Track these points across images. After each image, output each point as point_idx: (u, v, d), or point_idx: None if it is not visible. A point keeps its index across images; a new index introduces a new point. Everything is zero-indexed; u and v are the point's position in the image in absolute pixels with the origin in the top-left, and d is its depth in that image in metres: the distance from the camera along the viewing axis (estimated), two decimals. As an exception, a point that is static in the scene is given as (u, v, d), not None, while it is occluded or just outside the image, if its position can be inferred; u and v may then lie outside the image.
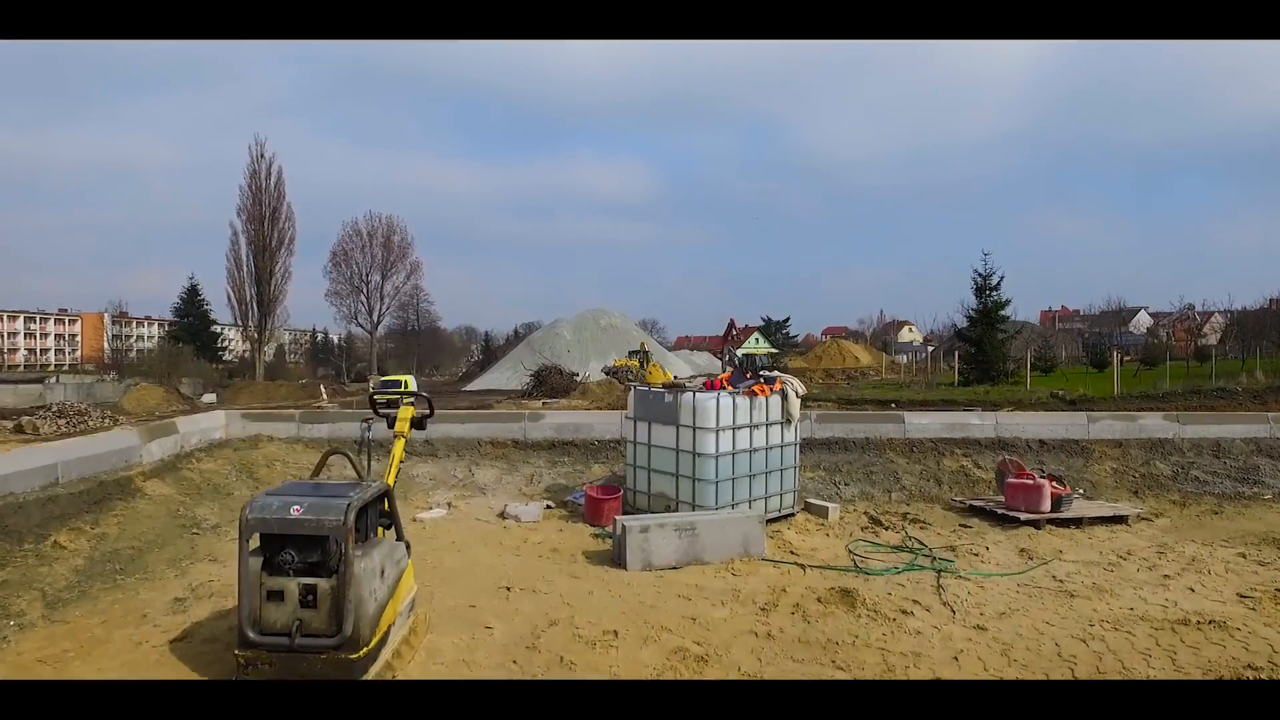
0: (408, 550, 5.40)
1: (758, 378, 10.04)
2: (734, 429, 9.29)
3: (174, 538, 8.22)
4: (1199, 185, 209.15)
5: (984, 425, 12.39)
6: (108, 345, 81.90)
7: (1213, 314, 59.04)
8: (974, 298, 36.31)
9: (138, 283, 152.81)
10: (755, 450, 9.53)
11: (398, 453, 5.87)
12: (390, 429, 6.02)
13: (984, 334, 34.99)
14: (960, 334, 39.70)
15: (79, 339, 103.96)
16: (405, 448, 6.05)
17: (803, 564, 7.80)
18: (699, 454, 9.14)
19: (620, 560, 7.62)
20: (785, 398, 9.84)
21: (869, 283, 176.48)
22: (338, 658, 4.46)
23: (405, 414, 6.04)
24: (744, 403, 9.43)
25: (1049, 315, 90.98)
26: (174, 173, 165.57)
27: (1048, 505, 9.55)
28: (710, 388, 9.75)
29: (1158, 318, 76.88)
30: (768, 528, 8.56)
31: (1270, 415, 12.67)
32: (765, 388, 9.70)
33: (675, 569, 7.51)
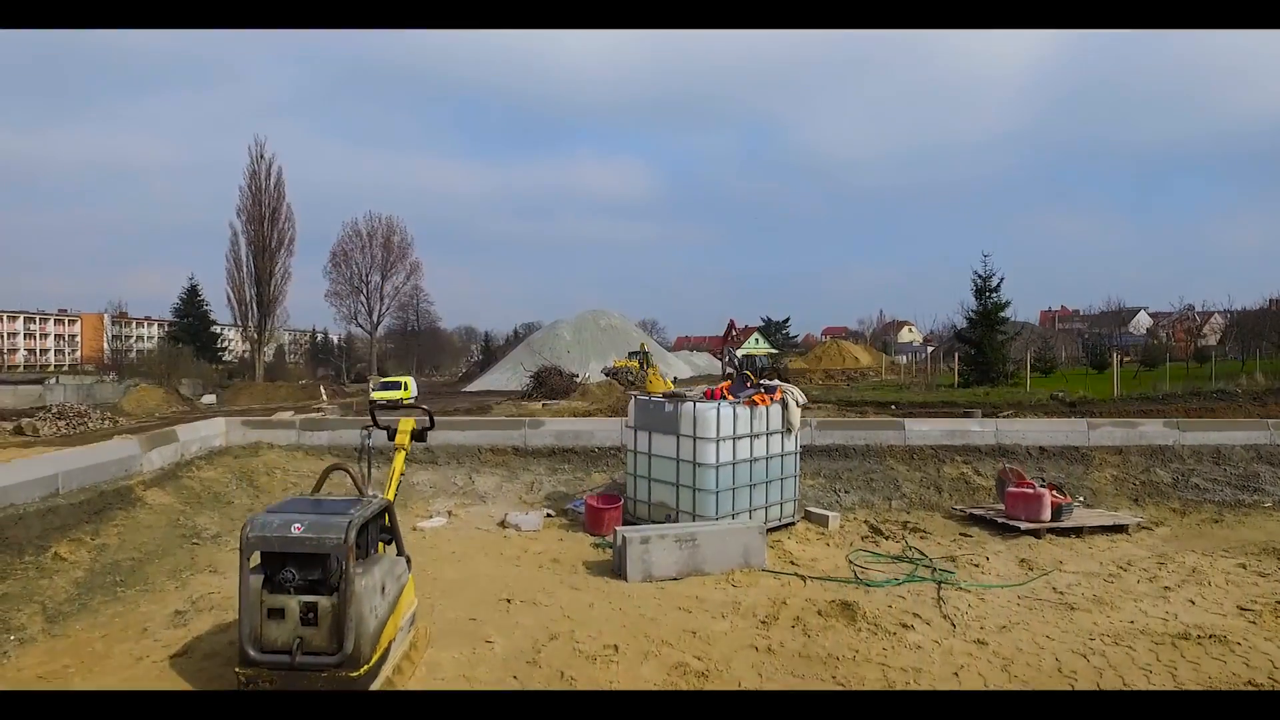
0: (408, 565, 5.40)
1: (758, 386, 10.02)
2: (734, 439, 9.28)
3: (174, 548, 8.22)
4: (1199, 185, 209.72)
5: (984, 432, 12.42)
6: (107, 346, 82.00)
7: (1212, 314, 59.12)
8: (974, 299, 36.39)
9: (137, 283, 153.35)
10: (756, 460, 9.53)
11: (398, 466, 5.84)
12: (390, 440, 6.00)
13: (984, 336, 35.03)
14: (960, 335, 39.74)
15: (79, 339, 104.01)
16: (405, 456, 6.03)
17: (803, 575, 7.80)
18: (699, 464, 9.14)
19: (621, 571, 7.62)
20: (785, 407, 9.84)
21: (869, 283, 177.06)
22: (338, 675, 4.45)
23: (406, 425, 6.01)
24: (744, 412, 9.43)
25: (1049, 316, 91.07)
26: (174, 173, 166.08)
27: (1048, 514, 9.56)
28: (711, 397, 9.75)
29: (1157, 318, 76.98)
30: (768, 537, 8.56)
31: (1270, 421, 12.74)
32: (765, 397, 9.70)
33: (676, 580, 7.52)
